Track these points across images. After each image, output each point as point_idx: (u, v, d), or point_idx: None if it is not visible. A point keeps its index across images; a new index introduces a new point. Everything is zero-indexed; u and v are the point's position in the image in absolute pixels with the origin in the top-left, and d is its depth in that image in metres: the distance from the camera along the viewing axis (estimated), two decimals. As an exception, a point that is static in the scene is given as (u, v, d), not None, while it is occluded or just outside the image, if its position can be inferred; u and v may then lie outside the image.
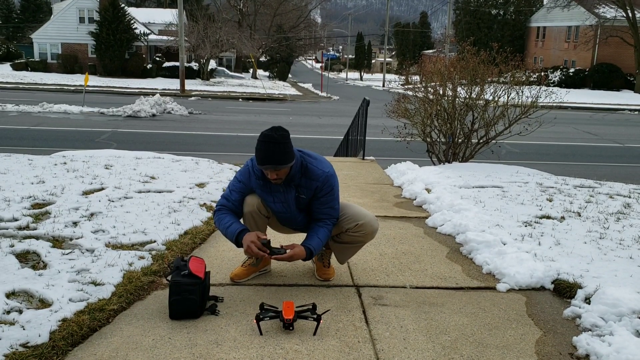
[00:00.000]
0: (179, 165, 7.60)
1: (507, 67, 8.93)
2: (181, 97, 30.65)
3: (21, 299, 3.37)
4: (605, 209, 5.97)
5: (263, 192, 3.72)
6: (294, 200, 3.71)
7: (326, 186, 3.64)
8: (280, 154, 3.42)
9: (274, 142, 3.41)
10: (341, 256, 4.02)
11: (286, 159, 3.45)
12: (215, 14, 52.26)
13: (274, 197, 3.71)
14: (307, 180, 3.63)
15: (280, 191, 3.68)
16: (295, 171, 3.59)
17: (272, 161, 3.42)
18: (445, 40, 49.47)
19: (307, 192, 3.67)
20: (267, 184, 3.67)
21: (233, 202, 3.74)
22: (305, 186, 3.65)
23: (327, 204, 3.69)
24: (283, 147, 3.42)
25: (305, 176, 3.63)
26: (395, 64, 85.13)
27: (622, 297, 3.46)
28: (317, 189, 3.64)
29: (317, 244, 3.65)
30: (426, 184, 6.81)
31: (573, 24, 48.59)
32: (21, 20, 68.47)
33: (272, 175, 3.50)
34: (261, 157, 3.44)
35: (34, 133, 16.33)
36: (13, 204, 5.19)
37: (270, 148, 3.41)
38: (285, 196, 3.69)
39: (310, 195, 3.68)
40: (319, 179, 3.62)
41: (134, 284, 3.66)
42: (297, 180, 3.63)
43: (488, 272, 4.21)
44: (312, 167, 3.63)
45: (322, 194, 3.66)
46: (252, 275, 3.97)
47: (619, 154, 16.26)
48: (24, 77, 39.42)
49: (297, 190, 3.67)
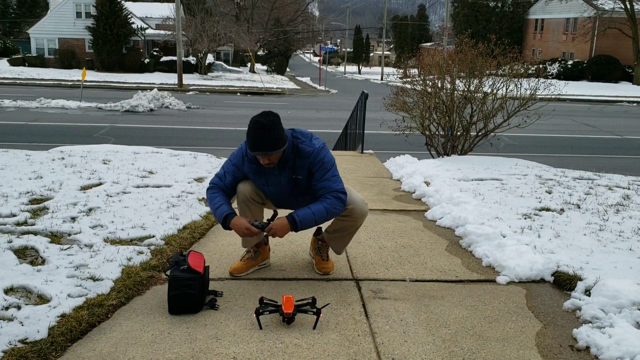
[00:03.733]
0: (177, 160, 7.58)
1: (505, 60, 8.91)
2: (179, 92, 30.58)
3: (20, 294, 3.35)
4: (605, 200, 5.97)
5: (256, 175, 3.70)
6: (290, 183, 3.67)
7: (317, 160, 3.59)
8: (270, 140, 3.40)
9: (263, 128, 3.38)
10: (337, 246, 4.01)
11: (276, 145, 3.44)
12: (212, 7, 52.00)
13: (268, 180, 3.69)
14: (300, 161, 3.60)
15: (275, 174, 3.65)
16: (288, 153, 3.57)
17: (263, 147, 3.41)
18: (443, 33, 49.35)
19: (303, 172, 3.62)
20: (261, 168, 3.65)
21: (225, 184, 3.72)
22: (300, 167, 3.61)
23: (321, 178, 3.60)
24: (273, 133, 3.40)
25: (297, 157, 3.60)
26: (394, 57, 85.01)
27: (622, 289, 3.45)
28: (310, 165, 3.60)
29: (304, 214, 3.52)
30: (425, 177, 6.80)
31: (571, 16, 48.48)
32: (18, 15, 68.20)
33: (264, 160, 3.50)
34: (252, 144, 3.43)
35: (31, 128, 16.30)
36: (11, 200, 5.17)
37: (260, 134, 3.38)
38: (278, 179, 3.66)
39: (306, 175, 3.63)
40: (309, 156, 3.59)
41: (132, 279, 3.65)
42: (292, 162, 3.60)
43: (488, 264, 4.20)
44: (302, 147, 3.60)
45: (315, 169, 3.60)
46: (251, 270, 3.96)
47: (618, 146, 16.26)
48: (22, 73, 39.30)
49: (293, 172, 3.63)
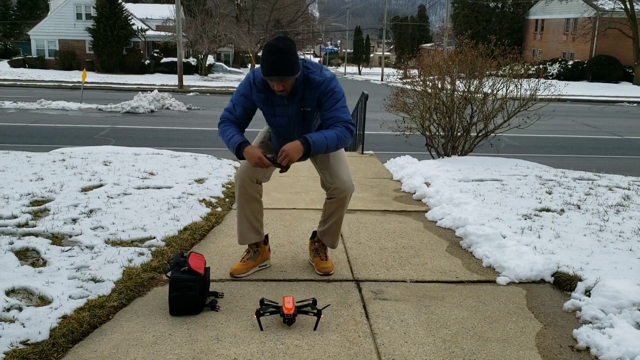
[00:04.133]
0: (178, 161, 7.59)
1: (505, 60, 8.92)
2: (179, 93, 30.59)
3: (21, 296, 3.36)
4: (605, 201, 5.97)
5: (265, 105, 3.65)
6: (298, 115, 3.62)
7: (327, 90, 3.53)
8: (287, 65, 3.34)
9: (280, 52, 3.32)
10: (330, 239, 4.01)
11: (292, 70, 3.37)
12: (212, 9, 52.08)
13: (275, 110, 3.64)
14: (309, 92, 3.54)
15: (284, 104, 3.59)
16: (298, 84, 3.51)
17: (279, 72, 3.34)
18: (443, 34, 49.38)
19: (312, 103, 3.57)
20: (269, 98, 3.60)
21: (236, 116, 3.69)
22: (309, 98, 3.56)
23: (331, 108, 3.55)
24: (289, 57, 3.34)
25: (307, 88, 3.54)
26: (394, 57, 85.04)
27: (622, 290, 3.45)
28: (320, 95, 3.54)
29: (317, 137, 3.46)
30: (425, 177, 6.81)
31: (571, 16, 48.50)
32: (18, 17, 68.27)
33: (278, 86, 3.43)
34: (267, 68, 3.35)
35: (32, 130, 16.31)
36: (12, 201, 5.18)
37: (277, 59, 3.32)
38: (287, 110, 3.61)
39: (314, 106, 3.58)
40: (319, 86, 3.52)
41: (133, 280, 3.66)
42: (301, 94, 3.55)
43: (488, 265, 4.20)
44: (313, 77, 3.53)
45: (324, 99, 3.55)
46: (251, 271, 3.96)
47: (618, 146, 16.25)
48: (22, 74, 39.34)
49: (301, 104, 3.58)
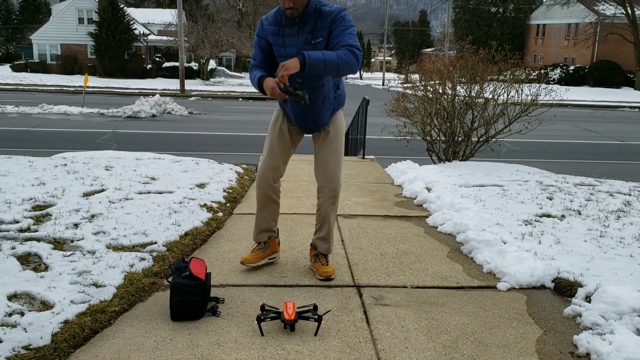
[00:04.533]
0: (179, 166, 7.60)
1: (506, 66, 8.94)
2: (181, 97, 30.68)
3: (23, 301, 3.37)
4: (606, 207, 5.98)
5: (275, 37, 3.74)
6: (308, 46, 3.65)
7: (338, 17, 3.63)
8: None
9: None
10: (323, 245, 4.05)
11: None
12: (214, 14, 52.23)
13: (285, 41, 3.71)
14: (320, 22, 3.64)
15: (293, 35, 3.68)
16: (310, 12, 3.62)
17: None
18: (444, 39, 49.43)
19: (323, 32, 3.63)
20: (279, 30, 3.71)
21: (259, 60, 3.84)
22: (320, 28, 3.64)
23: (340, 34, 3.61)
24: None
25: (319, 18, 3.64)
26: (395, 62, 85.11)
27: (622, 296, 3.46)
28: (331, 23, 3.63)
29: (315, 53, 3.49)
30: (426, 182, 6.81)
31: (573, 22, 48.59)
32: (20, 21, 68.51)
33: (289, 3, 3.53)
34: None
35: (34, 134, 16.35)
36: (14, 206, 5.19)
37: None
38: (296, 40, 3.68)
39: (326, 35, 3.64)
40: (331, 14, 3.63)
41: (135, 285, 3.67)
42: (312, 25, 3.64)
43: (489, 271, 4.21)
44: (325, 8, 3.66)
45: (335, 26, 3.63)
46: (261, 261, 4.10)
47: (620, 152, 16.27)
48: (24, 79, 39.45)
49: (312, 36, 3.65)
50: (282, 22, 3.69)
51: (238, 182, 6.86)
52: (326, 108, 3.87)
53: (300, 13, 3.60)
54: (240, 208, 5.84)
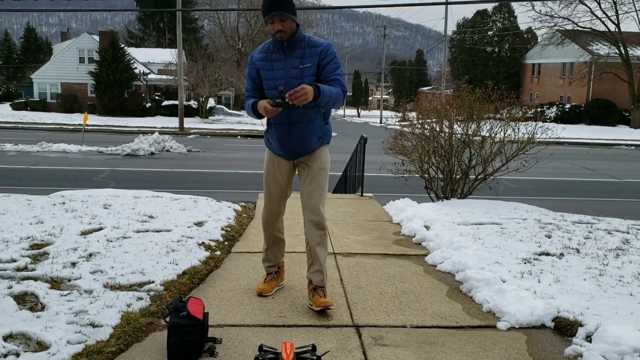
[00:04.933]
0: (177, 204, 7.60)
1: (502, 104, 9.02)
2: (180, 135, 30.84)
3: (18, 341, 3.34)
4: (604, 245, 5.97)
5: (264, 62, 4.04)
6: (296, 70, 3.94)
7: (329, 52, 3.97)
8: (284, 3, 3.81)
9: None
10: (317, 277, 4.12)
11: (289, 8, 3.84)
12: (214, 53, 52.89)
13: (273, 65, 4.01)
14: (310, 49, 3.96)
15: (281, 59, 3.98)
16: (299, 38, 3.95)
17: (277, 8, 3.79)
18: (441, 78, 50.00)
19: (313, 59, 3.94)
20: (267, 56, 4.03)
21: (251, 90, 4.16)
22: (310, 55, 3.95)
23: (333, 72, 3.96)
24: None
25: (309, 46, 3.97)
26: (392, 100, 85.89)
27: (623, 335, 3.43)
28: (321, 53, 3.94)
29: (326, 88, 3.81)
30: (425, 220, 6.81)
31: (567, 61, 49.23)
32: (22, 60, 69.34)
33: (278, 26, 3.85)
34: (267, 9, 3.82)
35: (32, 172, 16.38)
36: (11, 245, 5.18)
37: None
38: (284, 63, 3.97)
39: (316, 62, 3.94)
40: (321, 45, 3.99)
41: (132, 325, 3.64)
42: (301, 51, 3.95)
43: (488, 310, 4.18)
44: (314, 39, 4.03)
45: (326, 61, 3.94)
46: (275, 290, 4.44)
47: (617, 189, 16.31)
48: (23, 117, 39.69)
49: (301, 61, 3.94)
50: (270, 49, 4.04)
51: (236, 221, 6.86)
52: (311, 132, 4.07)
53: (288, 37, 3.93)
54: (238, 247, 5.83)
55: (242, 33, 57.08)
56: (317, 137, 4.11)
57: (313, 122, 4.06)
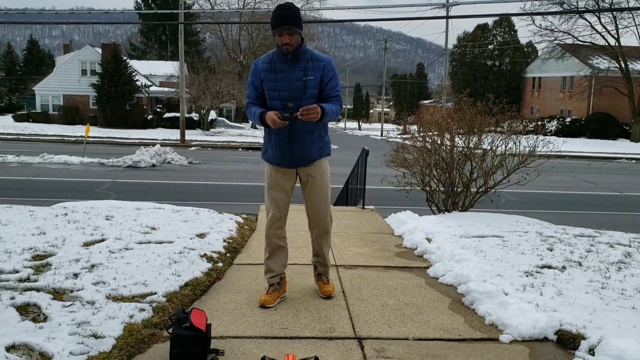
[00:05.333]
0: (179, 216, 7.61)
1: (503, 118, 9.05)
2: (181, 147, 30.89)
3: (21, 352, 3.34)
4: (606, 258, 5.97)
5: (268, 73, 4.27)
6: (299, 82, 4.21)
7: (330, 69, 4.29)
8: (294, 17, 4.09)
9: (287, 8, 4.12)
10: (321, 267, 4.75)
11: (298, 23, 4.12)
12: (215, 66, 53.07)
13: (277, 76, 4.25)
14: (313, 63, 4.24)
15: (285, 70, 4.23)
16: (303, 51, 4.23)
17: (287, 22, 4.07)
18: (441, 92, 50.14)
19: (316, 72, 4.24)
20: (272, 66, 4.27)
21: (253, 98, 4.38)
22: (313, 68, 4.23)
23: (334, 88, 4.31)
24: (295, 12, 4.11)
25: (312, 60, 4.25)
26: (393, 113, 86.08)
27: (626, 349, 3.43)
28: (324, 68, 4.25)
29: (328, 107, 4.18)
30: (427, 233, 6.82)
31: (568, 75, 49.37)
32: (24, 72, 69.60)
33: (286, 39, 4.11)
34: (277, 22, 4.07)
35: (34, 184, 16.40)
36: (14, 256, 5.19)
37: (286, 12, 4.09)
38: (288, 75, 4.22)
39: (319, 76, 4.24)
40: (324, 59, 4.30)
41: (134, 336, 3.64)
42: (304, 64, 4.22)
43: (490, 323, 4.18)
44: (317, 53, 4.33)
45: (328, 77, 4.27)
46: (277, 301, 4.48)
47: (618, 202, 16.30)
48: (25, 128, 39.79)
49: (305, 73, 4.22)
50: (274, 60, 4.28)
51: (238, 232, 6.86)
52: (312, 142, 4.36)
53: (293, 49, 4.18)
54: (240, 258, 5.83)
55: (244, 46, 57.31)
56: (318, 147, 4.41)
57: (313, 132, 4.35)
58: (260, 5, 54.53)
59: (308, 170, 4.44)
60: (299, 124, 4.23)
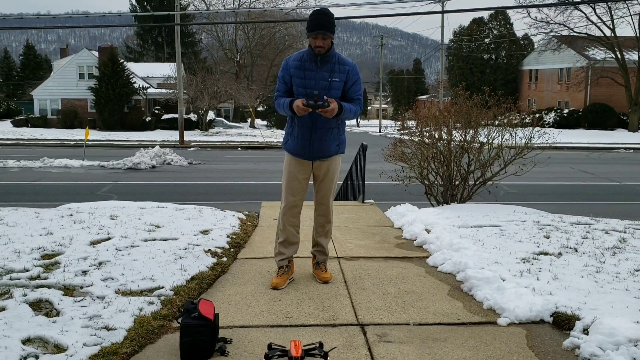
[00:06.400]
0: (182, 214, 7.74)
1: (499, 110, 9.16)
2: (180, 148, 31.01)
3: (37, 345, 3.47)
4: (602, 244, 6.10)
5: (297, 70, 4.62)
6: (325, 82, 4.56)
7: (355, 73, 4.68)
8: (329, 23, 4.45)
9: (324, 13, 4.48)
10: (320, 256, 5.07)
11: (332, 28, 4.48)
12: (213, 66, 53.15)
13: (305, 74, 4.59)
14: (340, 66, 4.61)
15: (313, 69, 4.58)
16: (333, 53, 4.59)
17: (323, 27, 4.42)
18: (438, 86, 50.24)
19: (341, 75, 4.61)
20: (302, 64, 4.61)
21: (283, 92, 4.72)
22: (339, 71, 4.60)
23: (357, 91, 4.72)
24: (330, 18, 4.48)
25: (339, 63, 4.61)
26: (391, 109, 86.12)
27: (618, 327, 3.56)
28: (349, 72, 4.62)
29: (347, 106, 4.58)
30: (426, 224, 6.94)
31: (564, 66, 49.49)
32: (21, 77, 69.62)
33: (320, 42, 4.47)
34: (314, 25, 4.43)
35: (35, 188, 16.52)
36: (23, 255, 5.32)
37: (322, 17, 4.45)
38: (316, 74, 4.57)
39: (343, 79, 4.62)
40: (350, 64, 4.67)
41: (145, 328, 3.77)
42: (331, 66, 4.58)
43: (489, 307, 4.31)
44: (344, 58, 4.69)
45: (352, 80, 4.66)
46: (287, 283, 4.81)
47: (616, 192, 16.43)
48: (24, 133, 39.91)
49: (331, 74, 4.57)
50: (304, 58, 4.62)
51: (241, 228, 6.99)
52: (331, 138, 4.73)
53: (324, 52, 4.53)
54: (244, 253, 5.96)
55: (240, 45, 57.36)
56: (335, 144, 4.78)
57: (332, 129, 4.72)
58: (256, 5, 54.62)
59: (324, 164, 4.81)
60: (320, 120, 4.60)
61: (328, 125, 4.67)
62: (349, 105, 4.62)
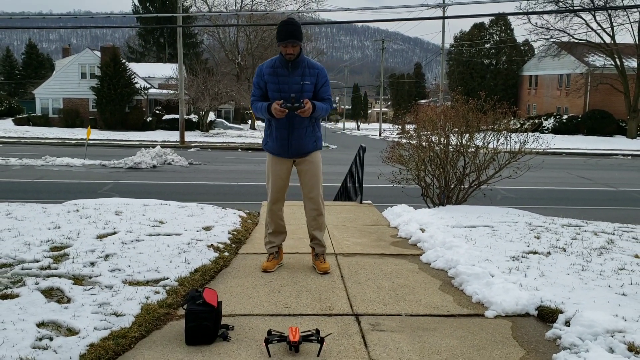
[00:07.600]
0: (185, 211, 7.97)
1: (495, 114, 9.38)
2: (181, 149, 31.24)
3: (50, 328, 3.69)
4: (590, 244, 6.32)
5: (271, 76, 5.03)
6: (297, 85, 4.96)
7: (323, 76, 5.10)
8: (297, 32, 4.90)
9: (291, 23, 4.96)
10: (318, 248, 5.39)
11: (300, 36, 4.93)
12: (214, 67, 53.43)
13: (279, 79, 5.00)
14: (310, 69, 5.03)
15: (285, 75, 4.98)
16: (302, 58, 5.01)
17: (291, 36, 4.84)
18: (437, 91, 50.53)
19: (312, 78, 5.02)
20: (274, 70, 5.02)
21: (259, 96, 5.12)
22: (309, 74, 5.01)
23: (326, 92, 5.13)
24: (298, 27, 4.93)
25: (308, 67, 5.03)
26: (391, 113, 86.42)
27: (597, 319, 3.79)
28: (318, 75, 5.04)
29: (319, 105, 4.98)
30: (421, 224, 7.17)
31: (564, 72, 49.82)
32: (23, 76, 69.90)
33: (290, 50, 4.90)
34: (284, 34, 4.84)
35: (37, 186, 16.73)
36: (33, 247, 5.54)
37: (289, 27, 4.88)
38: (288, 79, 4.99)
39: (314, 81, 5.03)
40: (318, 67, 5.12)
41: (151, 314, 4.00)
42: (303, 69, 4.99)
43: (477, 301, 4.54)
44: (312, 62, 5.14)
45: (321, 83, 5.08)
46: (276, 267, 5.32)
47: (613, 198, 16.65)
48: (26, 132, 40.17)
49: (302, 78, 4.98)
50: (276, 65, 5.04)
51: (242, 226, 7.22)
52: (307, 136, 5.13)
53: (294, 58, 4.95)
54: (245, 248, 6.19)
55: (242, 47, 57.69)
56: (312, 141, 5.19)
57: (307, 128, 5.12)
58: (258, 7, 54.93)
59: (304, 160, 5.23)
60: (296, 120, 5.01)
61: (304, 125, 5.08)
62: (321, 104, 5.02)
